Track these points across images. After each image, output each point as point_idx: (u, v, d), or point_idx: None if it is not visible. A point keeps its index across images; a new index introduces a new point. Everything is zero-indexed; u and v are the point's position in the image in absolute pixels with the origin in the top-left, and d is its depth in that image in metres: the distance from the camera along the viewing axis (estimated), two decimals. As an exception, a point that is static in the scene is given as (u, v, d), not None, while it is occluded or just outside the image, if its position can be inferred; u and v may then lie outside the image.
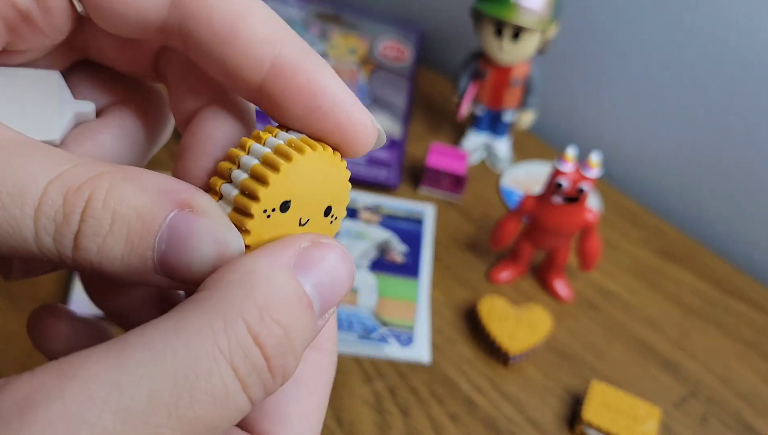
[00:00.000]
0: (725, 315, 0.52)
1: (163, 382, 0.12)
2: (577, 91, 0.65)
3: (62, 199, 0.13)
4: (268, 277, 0.13)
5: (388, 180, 0.58)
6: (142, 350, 0.12)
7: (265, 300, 0.13)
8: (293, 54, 0.15)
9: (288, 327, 0.13)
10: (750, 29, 0.52)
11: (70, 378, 0.11)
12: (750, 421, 0.45)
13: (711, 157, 0.59)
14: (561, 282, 0.51)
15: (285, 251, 0.14)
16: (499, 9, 0.52)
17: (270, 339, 0.13)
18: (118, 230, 0.13)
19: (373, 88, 0.66)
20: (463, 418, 0.43)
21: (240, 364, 0.12)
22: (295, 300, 0.13)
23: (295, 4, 0.72)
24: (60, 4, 0.16)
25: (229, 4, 0.15)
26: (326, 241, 0.15)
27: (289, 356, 0.13)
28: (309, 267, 0.14)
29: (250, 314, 0.13)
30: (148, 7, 0.15)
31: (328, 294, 0.14)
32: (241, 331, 0.12)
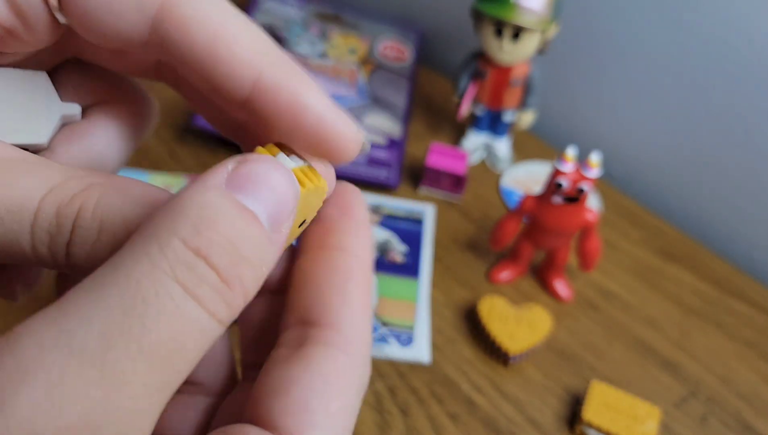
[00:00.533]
0: (725, 315, 0.52)
1: (112, 316, 0.11)
2: (576, 91, 0.65)
3: (55, 212, 0.14)
4: (199, 199, 0.13)
5: (388, 180, 0.58)
6: (84, 295, 0.12)
7: (198, 216, 0.13)
8: (274, 74, 0.16)
9: (231, 237, 0.13)
10: (750, 29, 0.52)
11: (15, 340, 0.11)
12: (750, 421, 0.45)
13: (711, 157, 0.59)
14: (561, 282, 0.51)
15: (212, 176, 0.14)
16: (499, 9, 0.52)
17: (213, 249, 0.12)
18: (105, 239, 0.14)
19: (373, 88, 0.66)
20: (463, 418, 0.43)
21: (186, 279, 0.12)
22: (233, 212, 0.13)
23: (295, 3, 0.72)
24: (42, 20, 0.16)
25: (208, 26, 0.15)
26: (252, 157, 0.14)
27: (243, 266, 0.13)
28: (241, 184, 0.14)
29: (184, 231, 0.12)
30: (128, 31, 0.15)
31: (272, 206, 0.14)
32: (178, 247, 0.12)
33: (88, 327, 0.11)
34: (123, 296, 0.12)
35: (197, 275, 0.12)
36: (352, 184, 0.18)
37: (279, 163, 0.15)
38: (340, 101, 0.63)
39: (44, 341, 0.11)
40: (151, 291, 0.12)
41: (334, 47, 0.69)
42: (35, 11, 0.16)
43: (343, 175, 0.57)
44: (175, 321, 0.12)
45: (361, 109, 0.63)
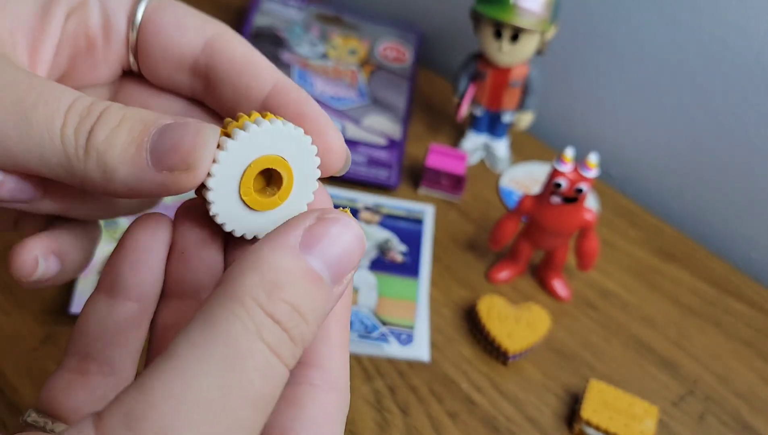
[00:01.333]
0: (723, 314, 0.52)
1: (222, 372, 0.14)
2: (575, 92, 0.66)
3: (90, 103, 0.17)
4: (272, 261, 0.15)
5: (388, 180, 0.58)
6: (192, 352, 0.14)
7: (271, 282, 0.15)
8: (288, 81, 0.21)
9: (295, 302, 0.15)
10: (748, 30, 0.52)
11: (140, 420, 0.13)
12: (748, 420, 0.45)
13: (709, 157, 0.59)
14: (559, 281, 0.51)
15: (289, 234, 0.16)
16: (498, 10, 0.53)
17: (282, 315, 0.15)
18: (125, 125, 0.17)
19: (373, 89, 0.66)
20: (462, 416, 0.43)
21: (269, 339, 0.15)
22: (299, 277, 0.15)
23: (296, 5, 0.72)
24: (119, 45, 0.21)
25: (246, 47, 0.21)
26: (330, 216, 0.17)
27: (303, 326, 0.15)
28: (314, 244, 0.16)
29: (260, 296, 0.15)
30: (188, 43, 0.21)
31: (337, 264, 0.16)
32: (257, 312, 0.15)
33: (207, 382, 0.14)
34: (227, 355, 0.14)
35: (276, 336, 0.15)
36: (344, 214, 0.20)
37: (352, 222, 0.17)
38: (340, 102, 0.64)
39: (176, 398, 0.13)
40: (246, 349, 0.14)
41: (335, 48, 0.69)
42: (117, 31, 0.21)
43: (344, 176, 0.58)
44: (268, 375, 0.15)
45: (362, 110, 0.64)
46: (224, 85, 0.21)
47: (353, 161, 0.59)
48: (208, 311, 0.15)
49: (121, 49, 0.22)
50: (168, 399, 0.13)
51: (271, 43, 0.67)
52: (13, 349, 0.42)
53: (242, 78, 0.21)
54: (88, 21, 0.21)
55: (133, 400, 0.14)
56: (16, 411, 0.39)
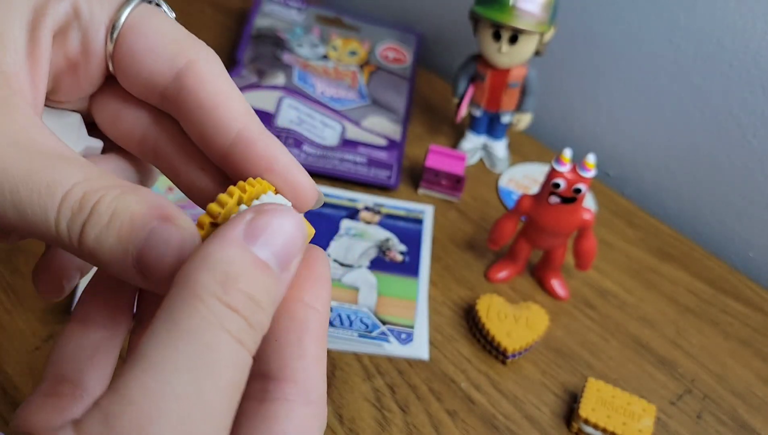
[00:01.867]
0: (720, 313, 0.52)
1: (192, 365, 0.15)
2: (573, 93, 0.66)
3: (81, 196, 0.18)
4: (221, 255, 0.16)
5: (388, 180, 0.58)
6: (162, 351, 0.15)
7: (223, 274, 0.16)
8: (254, 129, 0.21)
9: (249, 291, 0.16)
10: (746, 31, 0.53)
11: (125, 397, 0.14)
12: (745, 419, 0.46)
13: (707, 157, 0.59)
14: (558, 281, 0.51)
15: (233, 229, 0.17)
16: (497, 12, 0.53)
17: (240, 304, 0.16)
18: (113, 225, 0.18)
19: (373, 90, 0.66)
20: (461, 414, 0.44)
21: (231, 327, 0.15)
22: (249, 267, 0.16)
23: (297, 7, 0.73)
24: (98, 61, 0.21)
25: (216, 84, 0.21)
26: (268, 208, 0.17)
27: (260, 312, 0.16)
28: (257, 235, 0.17)
29: (217, 289, 0.15)
30: (159, 71, 0.21)
31: (282, 251, 0.17)
32: (216, 305, 0.15)
33: (180, 377, 0.14)
34: (195, 349, 0.15)
35: (237, 325, 0.15)
36: (315, 245, 0.21)
37: (291, 211, 0.18)
38: (340, 103, 0.64)
39: (152, 394, 0.14)
40: (212, 341, 0.15)
41: (335, 49, 0.69)
42: (96, 51, 0.21)
43: (344, 176, 0.58)
44: (236, 363, 0.15)
45: (362, 111, 0.64)
46: (191, 125, 0.21)
47: (353, 162, 0.59)
48: (169, 311, 0.15)
49: (101, 65, 0.22)
50: (144, 396, 0.14)
51: (272, 45, 0.67)
52: (15, 347, 0.43)
53: (207, 125, 0.21)
54: (69, 46, 0.21)
55: (110, 401, 0.14)
56: (19, 409, 0.40)
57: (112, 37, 0.21)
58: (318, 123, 0.62)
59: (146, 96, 0.22)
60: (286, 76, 0.64)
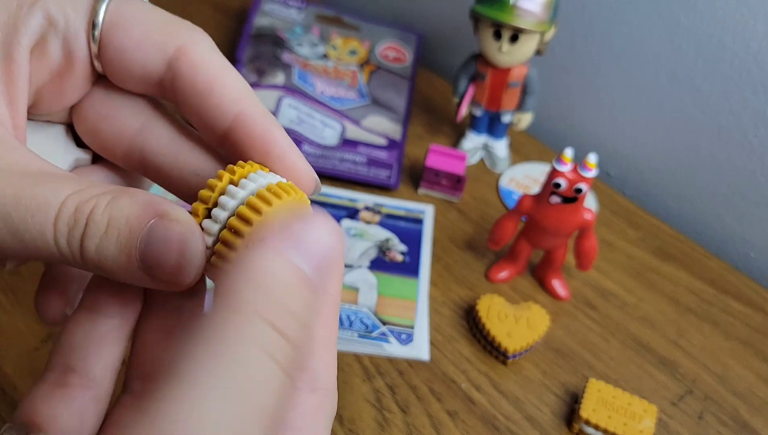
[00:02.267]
0: (721, 313, 0.52)
1: (235, 397, 0.14)
2: (574, 93, 0.66)
3: (74, 209, 0.17)
4: (263, 267, 0.15)
5: (388, 180, 0.58)
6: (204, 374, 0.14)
7: (266, 289, 0.15)
8: (252, 110, 0.20)
9: (295, 310, 0.15)
10: (746, 31, 0.53)
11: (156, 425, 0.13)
12: (746, 419, 0.46)
13: (707, 157, 0.59)
14: (558, 281, 0.51)
15: (274, 237, 0.16)
16: (498, 11, 0.53)
17: (286, 325, 0.15)
18: (111, 233, 0.17)
19: (374, 89, 0.66)
20: (461, 415, 0.43)
21: (275, 353, 0.15)
22: (293, 282, 0.15)
23: (297, 6, 0.72)
24: (84, 65, 0.20)
25: (210, 68, 0.20)
26: (310, 216, 0.17)
27: (302, 329, 0.16)
28: (298, 245, 0.16)
29: (262, 307, 0.15)
30: (151, 64, 0.20)
31: (323, 263, 0.16)
32: (264, 327, 0.15)
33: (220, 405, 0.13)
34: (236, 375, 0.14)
35: (281, 349, 0.15)
36: None
37: (330, 218, 0.17)
38: (340, 102, 0.64)
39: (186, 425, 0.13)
40: (253, 364, 0.14)
41: (335, 49, 0.69)
42: (80, 56, 0.20)
43: (344, 176, 0.58)
44: (274, 390, 0.15)
45: (362, 111, 0.64)
46: (189, 111, 0.21)
47: (353, 162, 0.59)
48: (211, 328, 0.14)
49: (87, 69, 0.21)
50: (179, 425, 0.13)
51: (272, 44, 0.67)
52: (14, 347, 0.43)
53: (204, 109, 0.20)
54: (50, 57, 0.20)
55: (144, 428, 0.13)
56: (18, 410, 0.40)
57: (94, 37, 0.20)
58: (318, 123, 0.62)
59: (142, 89, 0.21)
60: (285, 76, 0.64)
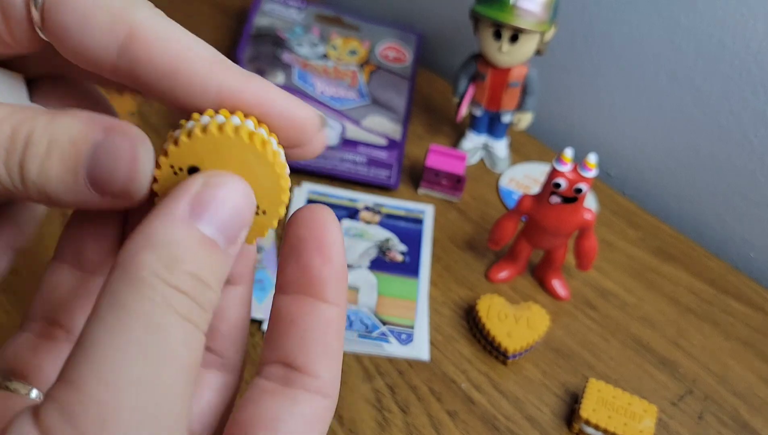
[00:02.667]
0: (721, 313, 0.52)
1: (146, 350, 0.14)
2: (574, 93, 0.66)
3: (10, 132, 0.16)
4: (165, 235, 0.15)
5: (388, 180, 0.58)
6: (111, 338, 0.14)
7: (169, 256, 0.15)
8: (234, 80, 0.18)
9: (196, 271, 0.15)
10: (746, 31, 0.53)
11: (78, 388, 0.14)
12: (746, 419, 0.46)
13: (707, 157, 0.59)
14: (559, 281, 0.51)
15: (178, 205, 0.16)
16: (498, 11, 0.53)
17: (187, 286, 0.15)
18: (54, 153, 0.16)
19: (374, 89, 0.66)
20: (461, 415, 0.43)
21: (181, 309, 0.15)
22: (195, 247, 0.16)
23: (296, 6, 0.72)
24: (23, 28, 0.18)
25: (168, 47, 0.17)
26: (215, 179, 0.16)
27: (208, 292, 0.16)
28: (203, 211, 0.16)
29: (163, 272, 0.15)
30: (100, 51, 0.17)
31: (229, 226, 0.16)
32: (164, 287, 0.15)
33: (136, 363, 0.14)
34: (147, 333, 0.14)
35: (186, 305, 0.15)
36: (326, 208, 0.19)
37: (238, 180, 0.17)
38: (340, 102, 0.64)
39: (110, 384, 0.14)
40: (164, 323, 0.15)
41: (335, 49, 0.69)
42: (18, 20, 0.18)
43: (344, 176, 0.58)
44: (187, 341, 0.15)
45: (362, 111, 0.64)
46: (163, 98, 0.18)
47: (353, 162, 0.59)
48: (116, 295, 0.15)
49: (29, 32, 0.18)
50: (102, 387, 0.14)
51: (272, 44, 0.67)
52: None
53: (179, 94, 0.18)
54: None
55: (67, 395, 0.14)
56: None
57: (36, 4, 0.17)
58: (318, 122, 0.62)
59: (98, 72, 0.18)
60: (285, 76, 0.64)
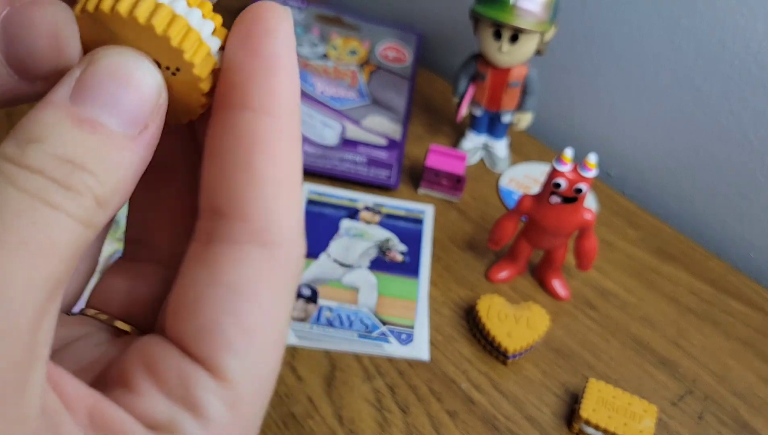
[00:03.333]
0: (721, 313, 0.52)
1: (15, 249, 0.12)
2: (574, 93, 0.66)
3: None
4: (34, 118, 0.13)
5: (388, 180, 0.58)
6: None
7: (25, 138, 0.13)
8: None
9: (61, 153, 0.13)
10: (747, 31, 0.53)
11: None
12: (746, 419, 0.46)
13: (707, 157, 0.59)
14: (559, 281, 0.51)
15: (55, 91, 0.13)
16: (498, 11, 0.53)
17: (44, 166, 0.12)
18: None
19: (374, 89, 0.66)
20: (461, 415, 0.43)
21: (28, 186, 0.12)
22: (65, 127, 0.13)
23: (296, 5, 0.72)
24: None
25: None
26: (98, 59, 0.14)
27: (85, 176, 0.13)
28: (85, 95, 0.13)
29: (10, 154, 0.12)
30: None
31: (125, 108, 0.13)
32: (9, 167, 0.12)
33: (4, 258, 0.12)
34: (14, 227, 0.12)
35: (37, 184, 0.12)
36: (270, 2, 0.15)
37: (130, 55, 0.14)
38: (340, 102, 0.64)
39: None
40: (3, 202, 0.12)
41: (335, 49, 0.69)
42: None
43: (344, 176, 0.58)
44: (33, 220, 0.12)
45: (362, 110, 0.64)
46: None
47: (353, 162, 0.59)
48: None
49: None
50: None
51: (272, 44, 0.67)
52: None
53: None
54: None
55: None
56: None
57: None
58: (318, 123, 0.62)
59: None
60: (285, 76, 0.64)
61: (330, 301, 0.48)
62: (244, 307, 0.13)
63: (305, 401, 0.43)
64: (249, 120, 0.14)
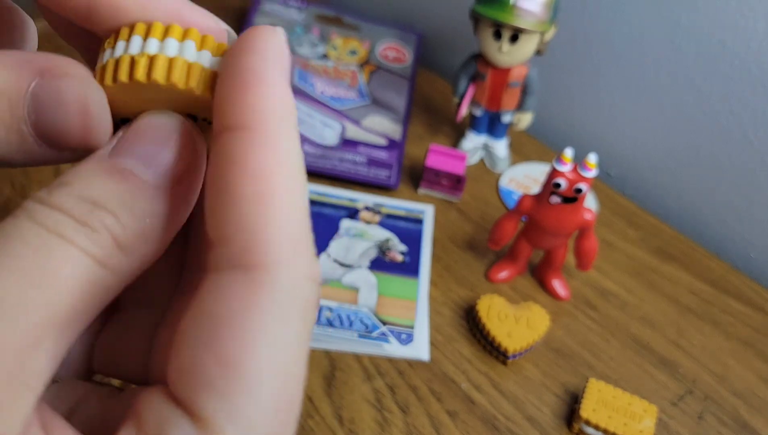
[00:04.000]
0: (722, 313, 0.52)
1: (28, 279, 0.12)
2: (574, 93, 0.66)
3: None
4: (69, 173, 0.13)
5: (388, 180, 0.58)
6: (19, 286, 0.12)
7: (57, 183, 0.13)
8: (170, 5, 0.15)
9: (87, 194, 0.13)
10: (747, 31, 0.53)
11: None
12: (746, 419, 0.46)
13: (707, 157, 0.59)
14: (559, 281, 0.51)
15: (99, 150, 0.14)
16: (498, 11, 0.53)
17: (70, 206, 0.13)
18: None
19: (374, 89, 0.66)
20: (461, 415, 0.43)
21: (49, 223, 0.12)
22: (94, 174, 0.13)
23: (296, 6, 0.72)
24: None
25: None
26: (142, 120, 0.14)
27: (107, 217, 0.13)
28: (124, 150, 0.14)
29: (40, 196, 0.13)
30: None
31: (152, 153, 0.14)
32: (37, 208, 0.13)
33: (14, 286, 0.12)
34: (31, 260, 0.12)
35: (60, 222, 0.12)
36: (260, 26, 0.15)
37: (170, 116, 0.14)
38: (340, 102, 0.64)
39: None
40: (19, 236, 0.12)
41: (335, 49, 0.69)
42: None
43: (344, 176, 0.58)
44: (36, 247, 0.12)
45: (362, 110, 0.64)
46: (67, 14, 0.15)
47: (353, 162, 0.59)
48: (20, 220, 0.13)
49: None
50: None
51: (272, 44, 0.67)
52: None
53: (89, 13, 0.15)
54: None
55: None
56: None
57: None
58: (318, 122, 0.62)
59: None
60: (285, 76, 0.64)
61: (330, 301, 0.48)
62: (225, 339, 0.12)
63: (305, 401, 0.43)
64: (225, 139, 0.13)
